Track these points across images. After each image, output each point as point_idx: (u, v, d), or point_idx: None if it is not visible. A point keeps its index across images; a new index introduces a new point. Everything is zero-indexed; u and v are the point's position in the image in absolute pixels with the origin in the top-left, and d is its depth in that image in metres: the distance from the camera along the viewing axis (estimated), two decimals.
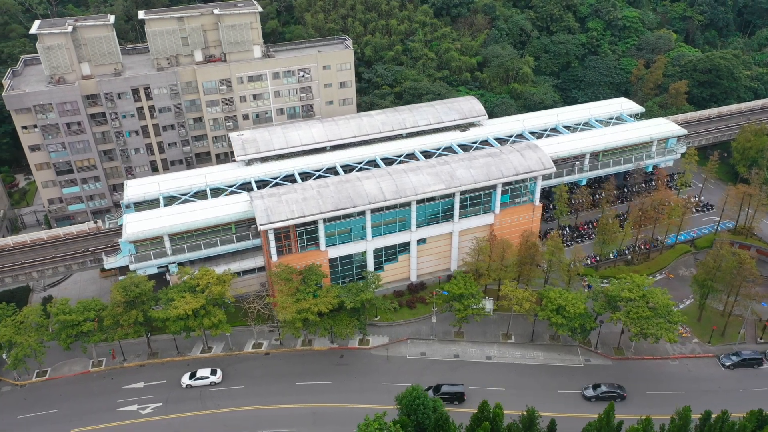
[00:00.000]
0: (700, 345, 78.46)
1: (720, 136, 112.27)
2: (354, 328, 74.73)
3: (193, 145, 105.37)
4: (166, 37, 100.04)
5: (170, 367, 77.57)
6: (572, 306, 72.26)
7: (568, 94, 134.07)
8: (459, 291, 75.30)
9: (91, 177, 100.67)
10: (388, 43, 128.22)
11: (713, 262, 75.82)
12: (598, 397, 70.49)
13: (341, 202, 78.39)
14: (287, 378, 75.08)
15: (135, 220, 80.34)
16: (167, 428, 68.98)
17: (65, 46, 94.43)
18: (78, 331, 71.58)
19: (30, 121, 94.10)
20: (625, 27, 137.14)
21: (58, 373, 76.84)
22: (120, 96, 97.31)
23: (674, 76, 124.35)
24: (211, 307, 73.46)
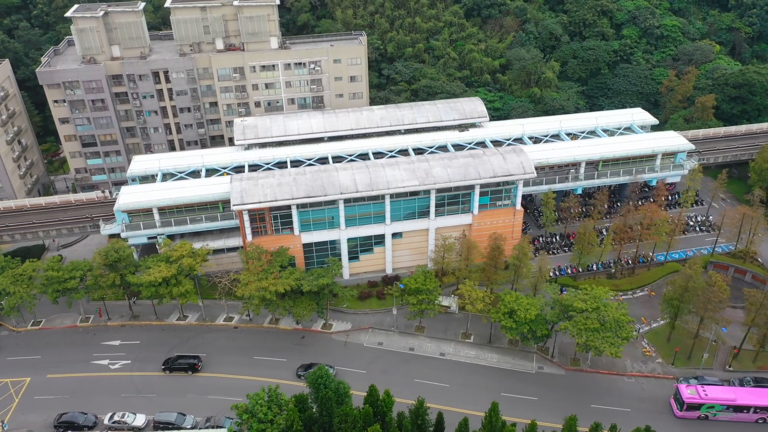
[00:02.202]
0: (663, 366, 76.10)
1: (741, 154, 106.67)
2: (312, 311, 77.92)
3: (208, 127, 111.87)
4: (189, 25, 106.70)
5: (147, 330, 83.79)
6: (523, 311, 72.23)
7: (595, 101, 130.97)
8: (415, 286, 76.80)
9: (113, 151, 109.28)
10: (411, 40, 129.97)
11: (681, 282, 73.34)
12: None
13: (314, 190, 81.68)
14: (248, 352, 79.40)
15: (129, 191, 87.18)
16: (128, 383, 75.03)
17: (96, 29, 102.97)
18: (63, 287, 78.87)
19: (60, 96, 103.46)
20: (663, 36, 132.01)
21: (51, 324, 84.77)
22: (141, 78, 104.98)
23: (705, 89, 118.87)
24: (183, 277, 78.77)
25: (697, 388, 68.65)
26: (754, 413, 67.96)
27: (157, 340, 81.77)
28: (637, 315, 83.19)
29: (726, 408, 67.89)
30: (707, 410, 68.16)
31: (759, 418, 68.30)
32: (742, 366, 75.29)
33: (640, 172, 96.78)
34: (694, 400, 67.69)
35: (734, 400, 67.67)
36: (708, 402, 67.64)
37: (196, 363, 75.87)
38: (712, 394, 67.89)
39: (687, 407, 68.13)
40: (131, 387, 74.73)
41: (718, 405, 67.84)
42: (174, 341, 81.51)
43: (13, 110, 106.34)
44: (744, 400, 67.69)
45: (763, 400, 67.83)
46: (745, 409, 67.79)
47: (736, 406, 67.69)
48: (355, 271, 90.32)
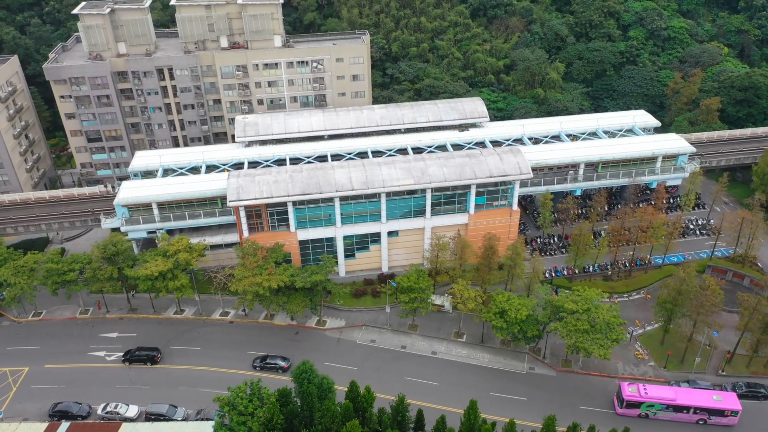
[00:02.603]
0: (655, 369, 75.75)
1: (745, 158, 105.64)
2: (305, 307, 78.61)
3: (211, 124, 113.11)
4: (194, 23, 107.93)
5: (144, 323, 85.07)
6: (514, 311, 72.30)
7: (600, 103, 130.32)
8: (407, 284, 77.17)
9: (117, 146, 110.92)
10: (416, 40, 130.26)
11: (675, 285, 72.98)
12: (263, 367, 75.71)
13: (309, 188, 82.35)
14: (241, 346, 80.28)
15: (129, 186, 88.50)
16: (122, 375, 76.31)
17: (102, 26, 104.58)
18: (62, 280, 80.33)
19: (66, 92, 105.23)
20: (670, 38, 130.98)
21: (51, 315, 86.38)
22: (146, 74, 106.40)
23: (710, 91, 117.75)
24: (179, 272, 79.83)
25: (638, 387, 68.99)
26: (694, 414, 68.03)
27: (153, 333, 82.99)
28: (631, 318, 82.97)
29: (666, 407, 68.22)
30: (647, 409, 68.60)
31: (699, 419, 68.31)
32: (735, 371, 74.71)
33: (640, 175, 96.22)
34: (634, 398, 68.23)
35: (674, 399, 67.92)
36: (647, 401, 68.03)
37: (155, 355, 77.43)
38: (652, 393, 68.31)
39: (626, 405, 68.63)
40: (126, 378, 75.97)
41: (657, 404, 68.21)
42: (170, 335, 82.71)
43: (20, 105, 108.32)
44: (684, 400, 67.89)
45: (703, 401, 67.88)
46: (685, 409, 67.90)
47: (676, 405, 67.95)
48: (351, 268, 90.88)
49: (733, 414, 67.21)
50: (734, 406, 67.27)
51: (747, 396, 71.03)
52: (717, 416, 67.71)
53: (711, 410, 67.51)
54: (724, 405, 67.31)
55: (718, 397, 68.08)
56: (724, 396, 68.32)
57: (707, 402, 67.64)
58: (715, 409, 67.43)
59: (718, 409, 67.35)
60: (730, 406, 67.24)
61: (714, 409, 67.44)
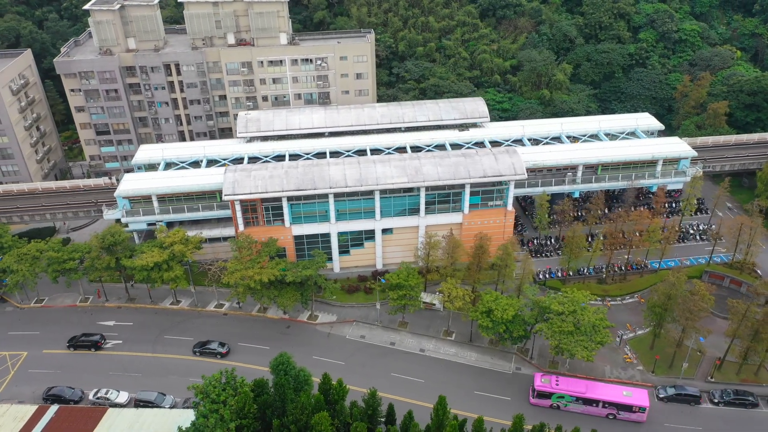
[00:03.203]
0: (643, 373, 75.23)
1: (750, 163, 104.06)
2: (295, 301, 79.72)
3: (217, 120, 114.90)
4: (201, 20, 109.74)
5: (141, 312, 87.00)
6: (501, 311, 72.46)
7: (607, 105, 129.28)
8: (396, 281, 77.78)
9: (125, 139, 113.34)
10: (423, 39, 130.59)
11: (664, 290, 72.45)
12: (202, 352, 78.14)
13: (304, 184, 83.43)
14: (233, 338, 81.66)
15: (131, 179, 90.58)
16: (116, 362, 78.24)
17: (113, 22, 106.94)
18: (62, 268, 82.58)
19: (76, 85, 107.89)
20: (681, 40, 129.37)
21: (52, 303, 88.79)
22: (153, 69, 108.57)
23: (719, 95, 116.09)
24: (174, 263, 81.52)
25: (551, 378, 70.40)
26: (603, 408, 68.76)
27: (149, 322, 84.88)
28: (624, 321, 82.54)
29: (576, 400, 69.17)
30: (558, 400, 69.73)
31: (609, 413, 68.98)
32: (724, 378, 73.86)
33: (640, 178, 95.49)
34: (545, 389, 69.54)
35: (583, 393, 68.79)
36: (558, 392, 69.18)
37: (99, 341, 79.82)
38: (563, 385, 69.50)
39: (537, 395, 70.00)
40: (119, 365, 77.86)
41: (567, 396, 69.20)
42: (165, 324, 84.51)
43: (33, 98, 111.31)
44: (593, 394, 68.76)
45: (612, 396, 68.51)
46: (594, 402, 68.73)
47: (585, 398, 68.83)
48: (346, 265, 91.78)
49: (641, 410, 67.80)
50: (642, 402, 67.66)
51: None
52: (625, 411, 68.26)
53: (619, 405, 68.15)
54: (632, 401, 67.75)
55: (628, 392, 68.70)
56: (635, 392, 68.81)
57: (616, 397, 68.38)
58: (624, 405, 68.03)
59: (627, 405, 67.89)
60: (638, 402, 67.68)
61: (622, 404, 68.05)
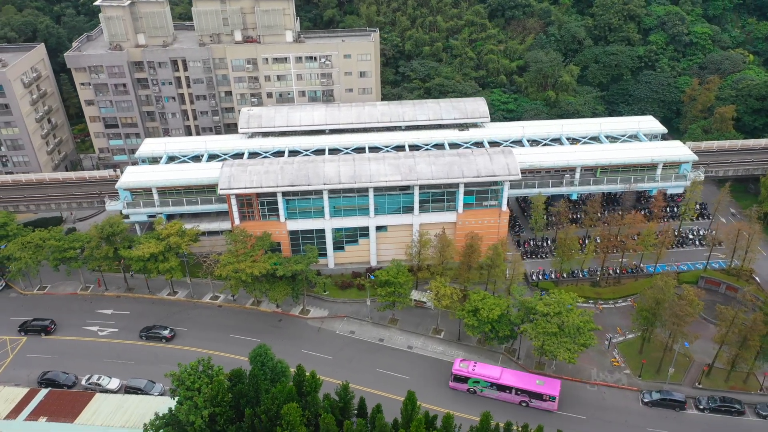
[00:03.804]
0: (629, 377, 74.82)
1: (755, 169, 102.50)
2: (286, 295, 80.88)
3: (222, 115, 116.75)
4: (209, 17, 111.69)
5: (139, 302, 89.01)
6: (487, 310, 72.71)
7: (615, 107, 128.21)
8: (386, 278, 78.46)
9: (133, 133, 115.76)
10: (430, 39, 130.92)
11: (652, 294, 71.98)
12: (148, 336, 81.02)
13: (298, 179, 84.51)
14: (226, 329, 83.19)
15: (133, 171, 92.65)
16: (110, 349, 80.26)
17: (122, 17, 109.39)
18: (63, 256, 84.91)
19: (85, 79, 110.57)
20: (692, 43, 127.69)
21: (55, 290, 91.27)
22: (160, 65, 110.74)
23: (727, 99, 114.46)
24: (170, 254, 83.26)
25: (469, 363, 72.60)
26: (516, 395, 70.56)
27: (145, 312, 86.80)
28: (615, 325, 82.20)
29: (490, 385, 71.12)
30: (474, 384, 71.80)
31: (522, 400, 70.72)
32: (713, 384, 73.12)
33: (640, 181, 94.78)
34: (462, 373, 71.71)
35: (497, 378, 70.70)
36: (474, 376, 71.26)
37: (48, 326, 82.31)
38: (479, 370, 71.61)
39: (455, 378, 72.24)
40: (113, 353, 79.84)
41: (483, 381, 71.19)
42: (161, 314, 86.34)
43: (44, 90, 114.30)
44: (507, 380, 70.66)
45: (526, 383, 70.27)
46: (508, 389, 70.58)
47: (499, 384, 70.70)
48: (341, 261, 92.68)
49: (551, 399, 69.37)
50: (552, 391, 69.22)
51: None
52: (537, 400, 70.00)
53: (531, 393, 69.91)
54: (542, 390, 69.48)
55: (541, 381, 70.50)
56: (547, 381, 70.51)
57: (529, 385, 70.08)
58: (535, 393, 69.74)
59: (538, 393, 69.60)
60: (548, 391, 69.35)
61: (534, 392, 69.75)
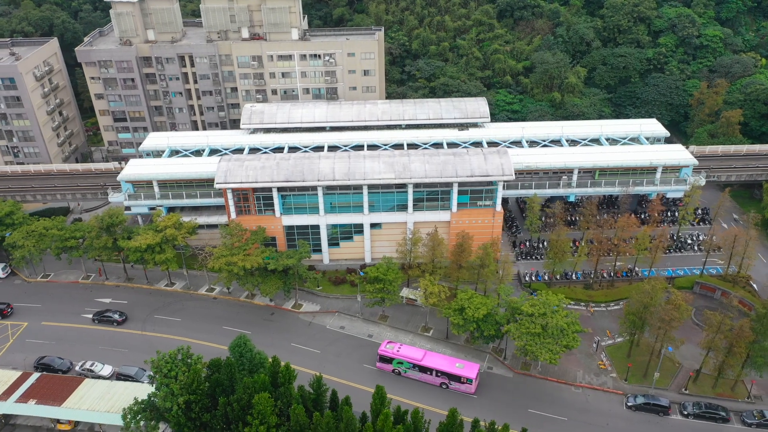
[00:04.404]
0: (615, 381, 74.50)
1: (758, 175, 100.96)
2: (277, 289, 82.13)
3: (228, 111, 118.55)
4: (216, 14, 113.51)
5: (137, 292, 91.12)
6: (473, 309, 73.02)
7: (622, 110, 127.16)
8: (375, 274, 79.21)
9: (140, 127, 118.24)
10: (437, 38, 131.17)
11: (639, 298, 71.62)
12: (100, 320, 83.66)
13: (293, 175, 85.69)
14: (218, 321, 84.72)
15: (135, 164, 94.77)
16: (105, 337, 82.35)
17: (132, 13, 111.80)
18: (64, 245, 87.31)
19: (95, 74, 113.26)
20: (702, 46, 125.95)
21: (57, 278, 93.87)
22: (168, 60, 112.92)
23: (735, 104, 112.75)
24: (167, 246, 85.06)
25: (394, 345, 75.31)
26: (437, 377, 72.67)
27: (142, 301, 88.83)
28: (604, 328, 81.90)
29: (413, 366, 73.35)
30: (398, 365, 74.16)
31: (442, 382, 72.82)
32: (700, 390, 72.45)
33: (639, 185, 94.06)
34: (387, 354, 74.25)
35: (419, 360, 72.83)
36: (397, 357, 73.64)
37: (4, 309, 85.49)
38: (404, 352, 74.12)
39: (380, 359, 74.70)
40: (108, 340, 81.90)
41: (406, 362, 73.42)
42: (157, 304, 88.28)
43: (56, 84, 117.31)
44: (427, 362, 72.76)
45: (445, 366, 72.34)
46: (429, 371, 72.69)
47: (421, 366, 72.80)
48: (335, 257, 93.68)
49: (468, 381, 71.37)
50: (469, 374, 71.26)
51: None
52: (455, 382, 72.10)
53: (450, 375, 72.00)
54: (460, 372, 71.52)
55: (461, 365, 72.60)
56: (466, 365, 72.71)
57: (448, 367, 72.16)
58: (454, 375, 71.81)
59: (456, 375, 71.67)
60: (465, 374, 71.37)
61: (452, 374, 71.84)
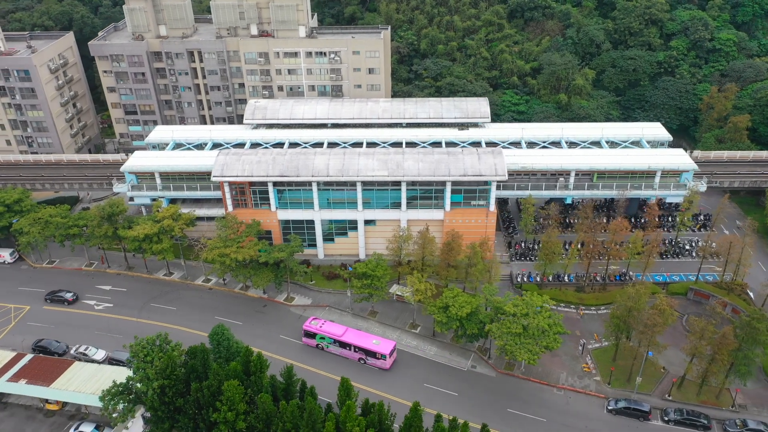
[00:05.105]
0: (598, 384, 74.20)
1: (762, 181, 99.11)
2: (269, 281, 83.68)
3: (236, 106, 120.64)
4: (226, 11, 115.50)
5: (137, 280, 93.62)
6: (457, 308, 73.48)
7: (630, 113, 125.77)
8: (363, 270, 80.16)
9: (150, 120, 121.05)
10: (445, 38, 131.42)
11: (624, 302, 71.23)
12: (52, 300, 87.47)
13: (288, 170, 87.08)
14: (212, 311, 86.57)
15: (139, 156, 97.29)
16: (103, 322, 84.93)
17: (144, 9, 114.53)
18: (67, 233, 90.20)
19: (107, 67, 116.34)
20: (715, 49, 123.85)
21: (62, 265, 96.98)
22: (177, 56, 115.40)
23: (744, 109, 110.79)
24: (164, 236, 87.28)
25: (319, 321, 79.23)
26: (355, 352, 76.40)
27: (141, 290, 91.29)
28: (593, 331, 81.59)
29: (333, 342, 77.17)
30: (320, 340, 78.07)
31: (360, 357, 76.47)
32: (684, 397, 71.71)
33: (637, 189, 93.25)
34: (311, 329, 78.22)
35: (339, 336, 76.70)
36: (320, 333, 77.58)
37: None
38: (326, 328, 77.99)
39: (305, 334, 78.70)
40: (105, 326, 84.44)
41: (327, 337, 77.25)
42: (154, 293, 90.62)
43: (71, 77, 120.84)
44: (347, 338, 76.61)
45: (363, 342, 76.04)
46: (348, 346, 76.53)
47: (341, 342, 76.65)
48: (330, 252, 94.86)
49: (382, 357, 74.78)
50: (383, 350, 74.68)
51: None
52: (372, 357, 75.63)
53: (367, 351, 75.63)
54: (376, 348, 74.98)
55: (377, 341, 76.20)
56: (382, 341, 76.31)
57: (366, 344, 75.82)
58: (370, 351, 75.33)
59: (372, 351, 75.15)
60: (380, 350, 74.79)
61: (369, 350, 75.38)
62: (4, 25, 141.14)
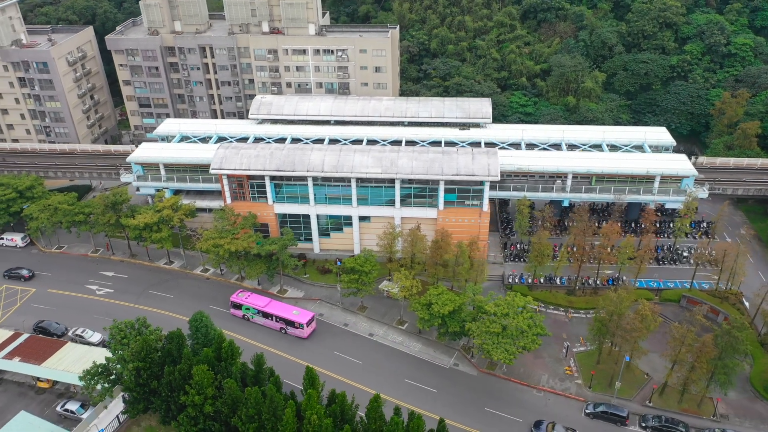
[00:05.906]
0: (580, 387, 73.98)
1: (766, 190, 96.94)
2: (261, 272, 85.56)
3: (245, 101, 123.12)
4: (238, 8, 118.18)
5: (138, 268, 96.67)
6: (440, 305, 74.13)
7: (641, 117, 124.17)
8: (351, 265, 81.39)
9: (163, 113, 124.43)
10: (456, 38, 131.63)
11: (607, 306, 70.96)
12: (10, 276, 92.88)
13: (285, 165, 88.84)
14: (206, 301, 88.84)
15: (145, 147, 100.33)
16: (101, 307, 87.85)
17: (160, 5, 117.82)
18: (73, 219, 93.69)
19: (123, 61, 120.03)
20: (730, 54, 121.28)
21: (70, 250, 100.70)
22: (190, 51, 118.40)
23: (755, 115, 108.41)
24: (163, 226, 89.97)
25: (245, 293, 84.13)
26: (277, 322, 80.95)
27: (141, 277, 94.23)
28: (579, 334, 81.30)
29: (257, 312, 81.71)
30: (246, 311, 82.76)
31: (281, 327, 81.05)
32: (664, 404, 71.04)
33: (635, 193, 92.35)
34: (237, 300, 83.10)
35: (262, 307, 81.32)
36: (246, 304, 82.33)
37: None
38: (251, 300, 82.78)
39: (232, 305, 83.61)
40: (104, 310, 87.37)
41: (252, 308, 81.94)
42: (154, 280, 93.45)
43: (89, 69, 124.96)
44: (270, 309, 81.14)
45: (283, 312, 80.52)
46: (270, 317, 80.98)
47: (264, 312, 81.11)
48: (326, 247, 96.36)
49: (300, 326, 79.31)
50: (301, 320, 79.24)
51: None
52: (291, 327, 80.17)
53: (287, 321, 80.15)
54: (295, 318, 79.52)
55: (297, 312, 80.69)
56: (301, 312, 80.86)
57: (286, 314, 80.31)
58: (289, 320, 79.90)
59: (291, 321, 79.73)
60: (299, 319, 79.35)
61: (288, 320, 79.91)
62: (32, 18, 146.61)
